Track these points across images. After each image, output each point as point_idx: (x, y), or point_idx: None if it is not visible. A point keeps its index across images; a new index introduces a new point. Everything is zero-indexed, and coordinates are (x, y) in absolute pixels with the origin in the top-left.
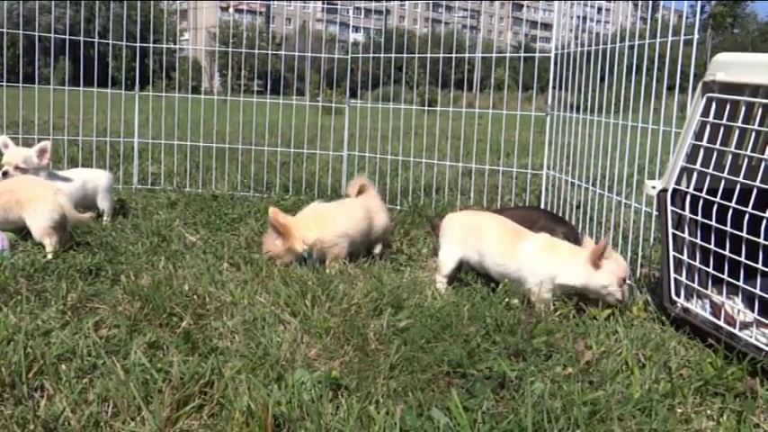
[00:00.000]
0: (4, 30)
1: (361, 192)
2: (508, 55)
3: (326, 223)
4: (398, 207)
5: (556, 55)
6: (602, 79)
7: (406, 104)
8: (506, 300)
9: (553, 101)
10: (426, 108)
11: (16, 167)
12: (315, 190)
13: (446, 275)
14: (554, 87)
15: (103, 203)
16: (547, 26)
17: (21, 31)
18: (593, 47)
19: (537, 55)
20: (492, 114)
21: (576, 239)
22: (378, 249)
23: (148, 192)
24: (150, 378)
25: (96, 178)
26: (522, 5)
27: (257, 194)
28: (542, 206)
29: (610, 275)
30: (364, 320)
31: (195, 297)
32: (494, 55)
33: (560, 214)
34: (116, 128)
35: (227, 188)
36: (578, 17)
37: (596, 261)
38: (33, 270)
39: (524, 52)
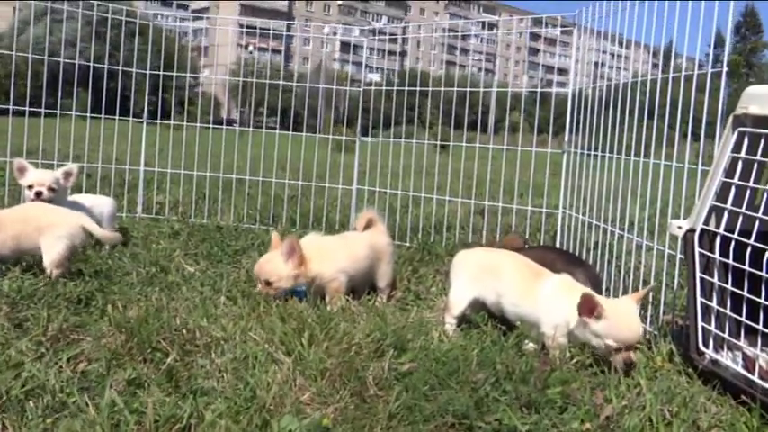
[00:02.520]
0: (29, 55)
1: (368, 226)
2: (524, 89)
3: (327, 258)
4: (408, 244)
5: (573, 92)
6: (622, 122)
7: (412, 139)
8: (519, 344)
9: (570, 138)
10: (439, 143)
11: (49, 188)
12: (322, 224)
13: (456, 316)
14: (571, 124)
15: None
16: (562, 71)
17: (30, 55)
18: (614, 81)
19: (554, 90)
20: (506, 155)
21: (596, 282)
22: (383, 285)
23: (152, 221)
24: (123, 419)
25: (101, 204)
26: (538, 50)
27: (263, 227)
28: (558, 246)
29: (600, 340)
30: (364, 362)
31: (185, 331)
32: (509, 89)
33: (576, 255)
34: (126, 157)
35: (232, 219)
36: (594, 63)
37: (584, 314)
38: (20, 297)
39: (539, 96)
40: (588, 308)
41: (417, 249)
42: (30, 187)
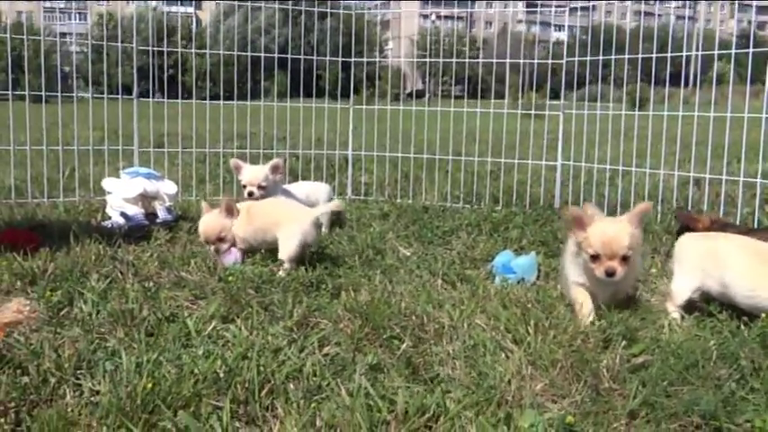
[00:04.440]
0: (235, 52)
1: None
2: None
3: None
4: None
5: None
6: None
7: (615, 106)
8: (764, 337)
9: None
10: (651, 113)
11: (259, 186)
12: (526, 201)
13: (680, 305)
14: None
15: (323, 216)
16: None
17: (235, 52)
18: None
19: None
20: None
21: None
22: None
23: (361, 203)
24: (374, 405)
25: (317, 191)
26: None
27: (467, 206)
28: None
29: None
30: (593, 353)
31: (414, 317)
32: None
33: None
34: (330, 139)
35: (436, 199)
36: None
37: None
38: (261, 282)
39: (751, 41)
40: None
41: None
42: (244, 186)
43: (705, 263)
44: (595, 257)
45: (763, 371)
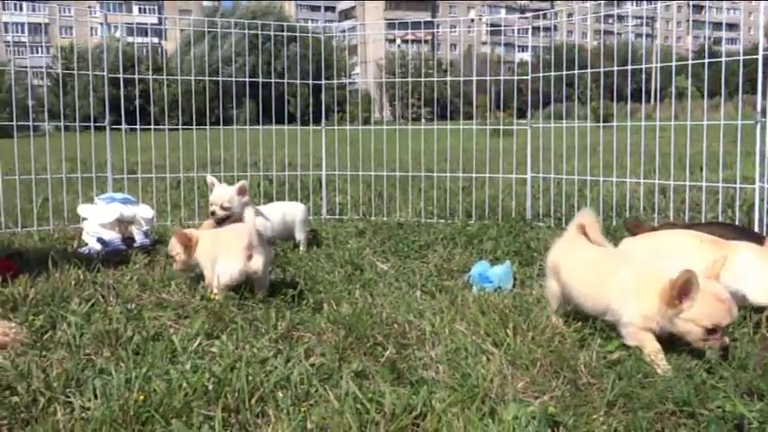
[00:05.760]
0: (204, 78)
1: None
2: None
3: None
4: None
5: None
6: None
7: (581, 121)
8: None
9: (764, 106)
10: (615, 124)
11: (222, 207)
12: (498, 214)
13: None
14: (765, 89)
15: (300, 234)
16: (732, 26)
17: (200, 77)
18: None
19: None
20: (678, 126)
21: None
22: None
23: (337, 221)
24: (362, 408)
25: (294, 211)
26: (703, 6)
27: (441, 221)
28: (757, 224)
29: None
30: (571, 351)
31: (396, 326)
32: (673, 63)
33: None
34: (303, 161)
35: (411, 215)
36: None
37: None
38: (243, 299)
39: (708, 56)
40: None
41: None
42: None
43: (653, 257)
44: (712, 331)
45: (731, 361)
